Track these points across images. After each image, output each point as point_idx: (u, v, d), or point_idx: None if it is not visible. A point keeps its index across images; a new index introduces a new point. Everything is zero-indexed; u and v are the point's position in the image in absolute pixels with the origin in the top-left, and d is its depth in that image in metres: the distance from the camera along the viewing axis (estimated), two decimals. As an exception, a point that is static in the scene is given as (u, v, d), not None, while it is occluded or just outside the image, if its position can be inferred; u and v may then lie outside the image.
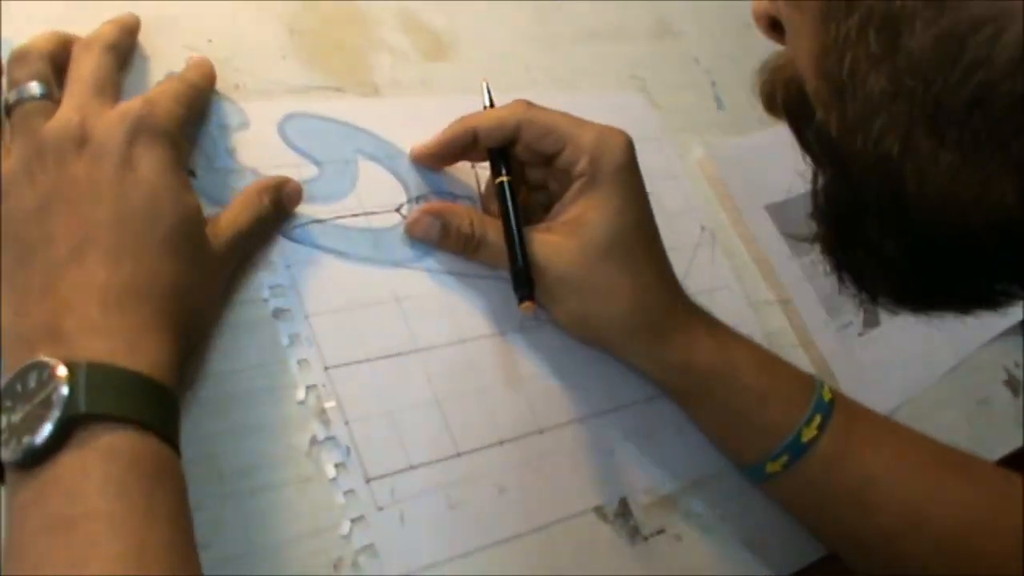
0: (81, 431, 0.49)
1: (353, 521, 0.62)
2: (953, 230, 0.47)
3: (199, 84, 0.67)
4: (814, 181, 0.56)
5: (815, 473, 0.73)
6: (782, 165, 0.97)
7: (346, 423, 0.64)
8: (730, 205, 0.94)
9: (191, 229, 0.59)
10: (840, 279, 0.57)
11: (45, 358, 0.50)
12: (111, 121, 0.58)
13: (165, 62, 0.71)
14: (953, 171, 0.44)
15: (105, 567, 0.47)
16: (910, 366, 0.96)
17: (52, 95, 0.60)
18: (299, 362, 0.65)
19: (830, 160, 0.53)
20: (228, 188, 0.67)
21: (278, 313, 0.66)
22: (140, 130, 0.58)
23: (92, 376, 0.50)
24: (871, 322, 0.95)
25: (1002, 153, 0.42)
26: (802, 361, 0.89)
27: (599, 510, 0.71)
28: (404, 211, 0.74)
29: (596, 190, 0.72)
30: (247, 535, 0.59)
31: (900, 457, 0.75)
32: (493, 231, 0.73)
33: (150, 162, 0.58)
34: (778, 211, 0.95)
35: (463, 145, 0.75)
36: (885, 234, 0.51)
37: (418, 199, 0.75)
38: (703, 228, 0.90)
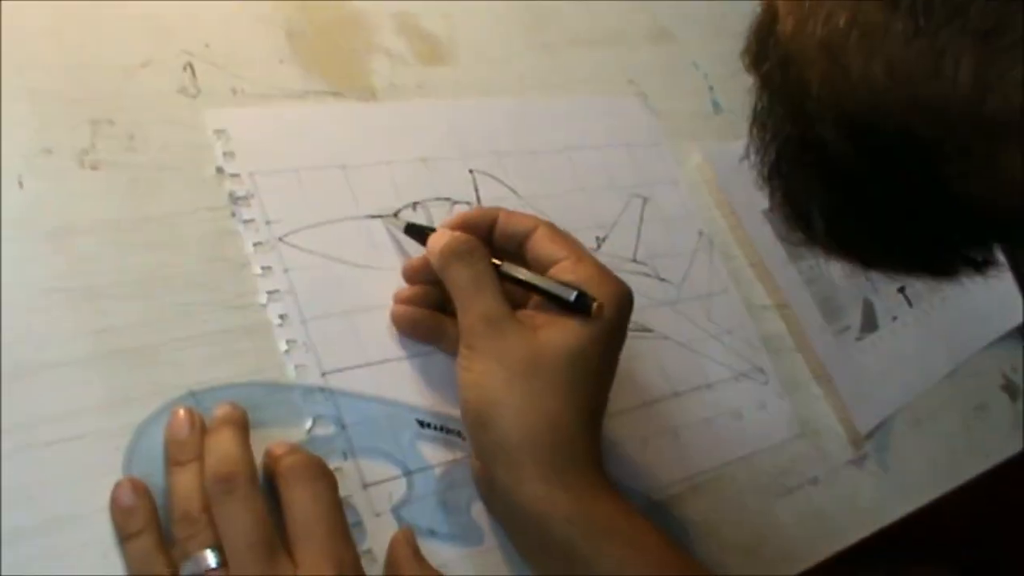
0: None
1: (351, 527, 0.62)
2: (900, 114, 0.43)
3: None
4: (761, 115, 0.54)
5: None
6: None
7: (343, 428, 0.64)
8: (728, 210, 0.94)
9: None
10: (772, 203, 0.54)
11: None
12: None
13: (162, 66, 0.71)
14: (904, 41, 0.41)
15: None
16: (907, 371, 0.96)
17: (225, 561, 0.57)
18: (297, 367, 0.65)
19: (781, 76, 0.50)
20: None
21: (276, 318, 0.66)
22: None
23: None
24: (869, 327, 0.95)
25: (960, 20, 0.39)
26: (799, 366, 0.89)
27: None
28: (402, 216, 0.74)
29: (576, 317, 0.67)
30: (245, 540, 0.59)
31: None
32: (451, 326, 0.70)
33: None
34: (776, 216, 0.95)
35: (481, 228, 0.72)
36: (824, 122, 0.46)
37: (415, 205, 0.75)
38: (701, 233, 0.90)
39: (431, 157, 0.78)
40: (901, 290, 1.00)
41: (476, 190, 0.79)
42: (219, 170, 0.69)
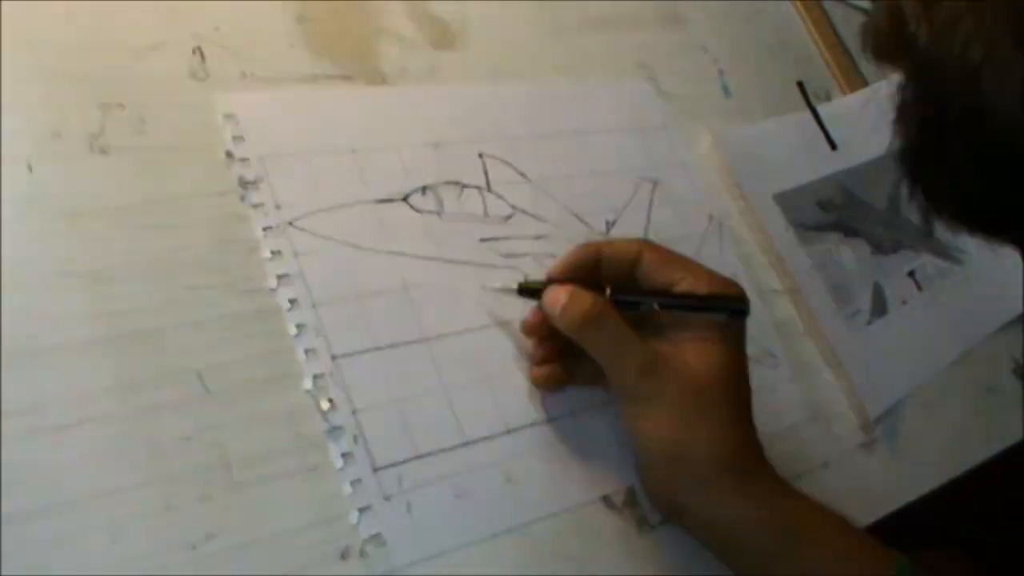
0: None
1: (360, 510, 0.62)
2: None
3: None
4: (900, 93, 0.56)
5: None
6: (790, 154, 0.98)
7: (353, 412, 0.65)
8: (738, 194, 0.93)
9: None
10: (911, 188, 0.57)
11: None
12: None
13: (172, 50, 0.71)
14: None
15: None
16: (918, 355, 0.96)
17: None
18: (306, 351, 0.65)
19: (918, 71, 0.53)
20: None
21: (285, 302, 0.66)
22: None
23: None
24: (879, 311, 0.95)
25: None
26: (810, 350, 0.89)
27: (607, 499, 0.71)
28: (412, 200, 0.74)
29: (710, 334, 0.71)
30: (254, 524, 0.59)
31: None
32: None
33: None
34: (786, 200, 0.95)
35: (588, 267, 0.72)
36: (961, 142, 0.51)
37: (424, 189, 0.75)
38: (711, 217, 0.90)
39: (441, 141, 0.78)
40: (911, 274, 0.99)
41: (486, 174, 0.79)
42: (229, 154, 0.69)
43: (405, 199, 0.74)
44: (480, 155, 0.79)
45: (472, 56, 0.86)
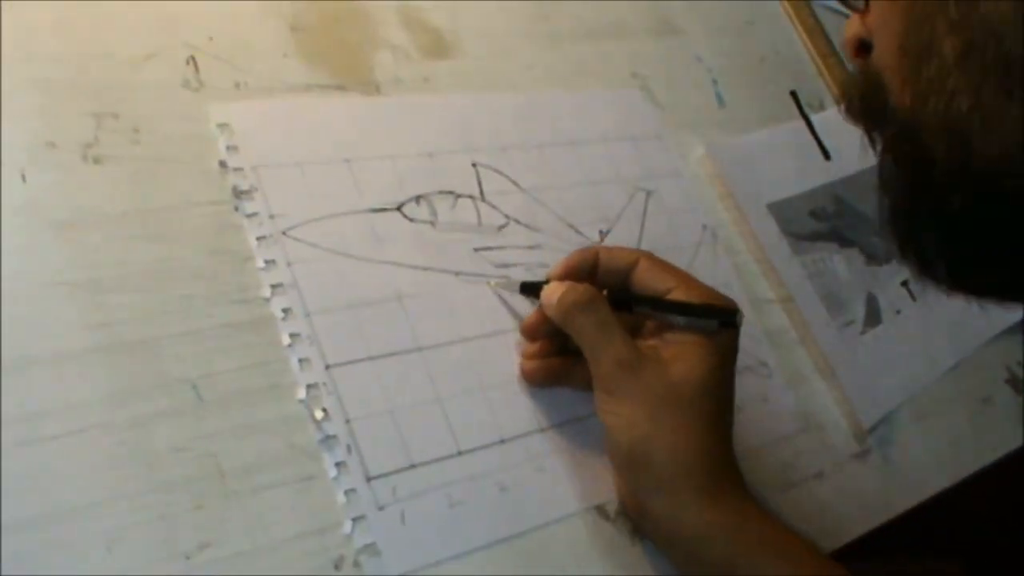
0: None
1: (354, 520, 0.62)
2: (1017, 186, 0.49)
3: None
4: (880, 163, 0.58)
5: None
6: (783, 164, 0.98)
7: (347, 422, 0.64)
8: (731, 204, 0.94)
9: None
10: (903, 253, 0.58)
11: None
12: None
13: (166, 60, 0.71)
14: (1019, 126, 0.46)
15: None
16: (911, 364, 0.96)
17: None
18: (300, 361, 0.65)
19: (900, 138, 0.54)
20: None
21: (279, 312, 0.66)
22: None
23: None
24: (872, 321, 0.95)
25: None
26: (803, 359, 0.89)
27: (600, 509, 0.71)
28: (405, 210, 0.74)
29: (697, 342, 0.70)
30: (249, 534, 0.59)
31: None
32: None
33: None
34: (779, 209, 0.95)
35: (585, 270, 0.74)
36: (950, 194, 0.52)
37: (418, 199, 0.75)
38: (704, 227, 0.90)
39: (435, 151, 0.78)
40: (904, 284, 0.99)
41: (480, 184, 0.79)
42: (222, 164, 0.69)
43: (399, 209, 0.74)
44: (474, 165, 0.79)
45: (466, 66, 0.86)
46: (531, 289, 0.73)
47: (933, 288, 0.58)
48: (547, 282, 0.72)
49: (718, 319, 0.70)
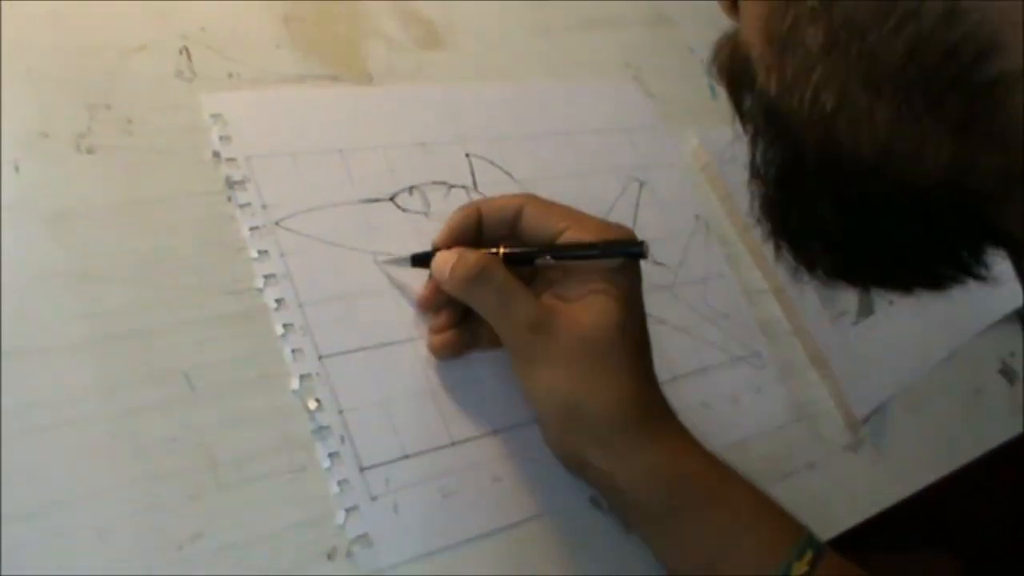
0: None
1: (347, 511, 0.62)
2: (888, 189, 0.47)
3: None
4: (752, 146, 0.55)
5: None
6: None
7: (340, 412, 0.64)
8: (724, 194, 0.94)
9: None
10: (776, 246, 0.56)
11: None
12: None
13: (159, 50, 0.71)
14: (889, 126, 0.44)
15: None
16: (905, 355, 0.96)
17: None
18: (293, 351, 0.65)
19: (768, 124, 0.52)
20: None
21: (272, 302, 0.66)
22: None
23: None
24: (865, 311, 0.95)
25: (937, 110, 0.43)
26: (796, 350, 0.89)
27: (594, 499, 0.71)
28: (398, 200, 0.74)
29: (603, 285, 0.68)
30: (241, 525, 0.59)
31: None
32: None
33: None
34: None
35: (471, 228, 0.71)
36: (821, 192, 0.50)
37: (411, 189, 0.75)
38: (697, 217, 0.90)
39: (428, 141, 0.78)
40: (898, 275, 0.99)
41: (473, 174, 0.79)
42: (215, 154, 0.69)
43: (392, 199, 0.74)
44: (467, 155, 0.79)
45: (459, 56, 0.86)
46: (423, 261, 0.70)
47: (815, 280, 0.56)
48: (434, 251, 0.70)
49: (624, 255, 0.68)
